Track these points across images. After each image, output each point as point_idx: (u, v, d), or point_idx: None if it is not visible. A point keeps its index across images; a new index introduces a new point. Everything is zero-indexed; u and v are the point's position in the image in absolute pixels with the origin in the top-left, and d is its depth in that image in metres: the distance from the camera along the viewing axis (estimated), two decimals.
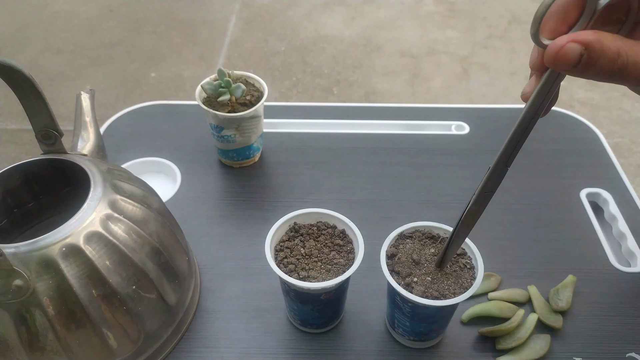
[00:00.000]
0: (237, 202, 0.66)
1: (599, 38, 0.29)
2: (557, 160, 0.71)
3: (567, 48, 0.29)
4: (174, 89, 1.93)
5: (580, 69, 0.29)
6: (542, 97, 0.33)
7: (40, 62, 2.06)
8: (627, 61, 0.29)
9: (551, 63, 0.30)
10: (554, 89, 0.33)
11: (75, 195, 0.46)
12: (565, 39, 0.29)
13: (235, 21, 2.30)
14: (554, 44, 0.29)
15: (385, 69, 2.02)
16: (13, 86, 0.42)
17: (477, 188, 0.39)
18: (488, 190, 0.38)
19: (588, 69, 0.29)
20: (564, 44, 0.29)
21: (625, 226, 0.62)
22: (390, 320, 0.50)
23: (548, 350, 0.50)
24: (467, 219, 0.41)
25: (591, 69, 0.29)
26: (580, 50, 0.29)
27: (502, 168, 0.37)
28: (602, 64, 0.29)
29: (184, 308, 0.51)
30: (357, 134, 0.76)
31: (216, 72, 0.64)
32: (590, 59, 0.29)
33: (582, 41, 0.29)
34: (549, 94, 0.33)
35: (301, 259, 0.47)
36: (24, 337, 0.40)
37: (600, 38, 0.29)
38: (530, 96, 0.33)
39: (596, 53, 0.29)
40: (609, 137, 0.75)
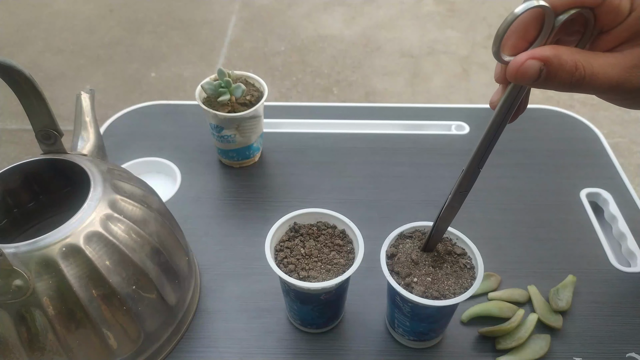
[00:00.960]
0: (237, 202, 0.66)
1: (557, 53, 0.30)
2: (557, 160, 0.71)
3: (527, 65, 0.30)
4: (174, 89, 1.93)
5: (541, 83, 0.31)
6: (508, 107, 0.35)
7: (40, 62, 2.06)
8: (585, 73, 0.31)
9: (513, 78, 0.31)
10: (518, 99, 0.34)
11: (75, 195, 0.46)
12: (524, 56, 0.30)
13: (235, 21, 2.30)
14: (514, 61, 0.31)
15: (385, 69, 2.02)
16: (13, 86, 0.42)
17: (453, 188, 0.41)
18: (463, 190, 0.41)
19: (548, 82, 0.31)
20: (524, 61, 0.30)
21: (625, 226, 0.62)
22: (390, 320, 0.50)
23: (548, 350, 0.50)
24: (445, 215, 0.43)
25: (551, 82, 0.31)
26: (539, 65, 0.30)
27: (475, 169, 0.40)
28: (561, 77, 0.31)
29: (184, 308, 0.51)
30: (357, 134, 0.76)
31: (216, 72, 0.64)
32: (549, 73, 0.31)
33: (540, 57, 0.30)
34: (513, 104, 0.35)
35: (301, 259, 0.47)
36: (24, 337, 0.40)
37: (557, 53, 0.30)
38: (496, 103, 0.35)
39: (554, 67, 0.30)
40: (609, 137, 0.75)
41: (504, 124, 0.36)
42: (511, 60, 0.31)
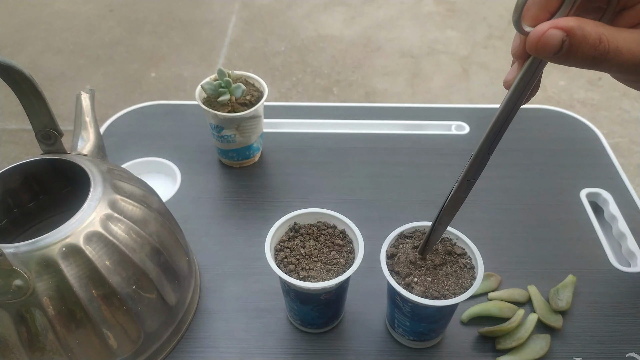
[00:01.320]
0: (237, 202, 0.66)
1: (580, 24, 0.29)
2: (557, 160, 0.71)
3: (548, 34, 0.29)
4: (174, 89, 1.93)
5: (562, 56, 0.29)
6: (524, 85, 0.33)
7: (40, 62, 2.06)
8: (609, 47, 0.29)
9: (533, 50, 0.30)
10: (535, 77, 0.33)
11: (75, 195, 0.46)
12: (546, 26, 0.29)
13: (235, 21, 2.30)
14: (536, 30, 0.29)
15: (385, 69, 2.02)
16: (13, 86, 0.42)
17: (460, 175, 0.39)
18: (470, 177, 0.39)
19: (570, 55, 0.29)
20: (546, 30, 0.29)
21: (625, 226, 0.62)
22: (390, 320, 0.50)
23: (548, 350, 0.50)
24: (449, 206, 0.41)
25: (573, 55, 0.29)
26: (562, 36, 0.29)
27: (485, 156, 0.37)
28: (584, 50, 0.29)
29: (184, 308, 0.51)
30: (357, 134, 0.76)
31: (216, 72, 0.64)
32: (572, 45, 0.29)
33: (564, 27, 0.29)
34: (530, 82, 0.33)
35: (301, 259, 0.47)
36: (24, 337, 0.40)
37: (581, 24, 0.29)
38: (512, 84, 0.33)
39: (578, 39, 0.29)
40: (609, 137, 0.75)
41: (519, 104, 0.34)
42: (532, 30, 0.29)
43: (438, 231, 0.43)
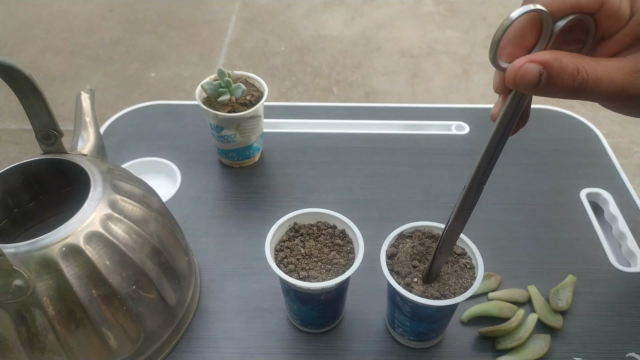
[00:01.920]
0: (237, 202, 0.66)
1: (557, 56, 0.29)
2: (557, 160, 0.71)
3: (525, 68, 0.29)
4: (174, 89, 1.93)
5: (542, 88, 0.30)
6: (509, 118, 0.34)
7: (40, 62, 2.06)
8: (588, 77, 0.30)
9: (512, 84, 0.30)
10: (519, 109, 0.33)
11: (75, 195, 0.46)
12: (522, 60, 0.29)
13: (235, 21, 2.30)
14: (513, 65, 0.30)
15: (385, 69, 2.02)
16: (13, 86, 0.42)
17: (455, 206, 0.40)
18: (466, 207, 0.39)
19: (549, 87, 0.30)
20: (522, 65, 0.29)
21: (625, 226, 0.62)
22: (390, 320, 0.50)
23: (548, 350, 0.50)
24: (447, 237, 0.42)
25: (552, 87, 0.30)
26: (539, 69, 0.29)
27: (478, 186, 0.38)
28: (563, 81, 0.30)
29: (184, 308, 0.51)
30: (357, 134, 0.76)
31: (216, 72, 0.64)
32: (550, 77, 0.29)
33: (540, 60, 0.29)
34: (515, 114, 0.33)
35: (301, 259, 0.47)
36: (24, 337, 0.40)
37: (558, 56, 0.29)
38: (497, 115, 0.34)
39: (555, 71, 0.29)
40: (609, 137, 0.75)
41: (505, 136, 0.35)
42: (509, 66, 0.30)
43: (439, 260, 0.44)
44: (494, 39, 0.30)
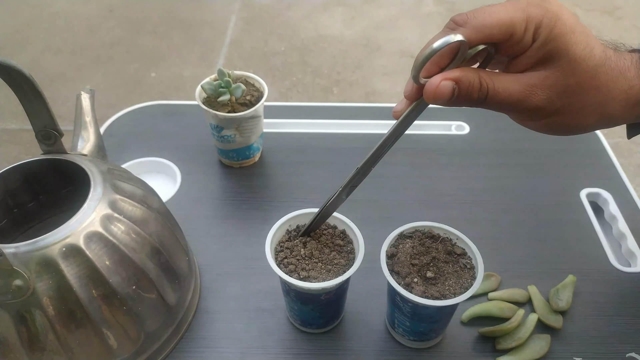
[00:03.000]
0: (237, 202, 0.66)
1: (464, 73, 0.35)
2: (557, 160, 0.71)
3: (442, 85, 0.35)
4: (174, 89, 1.93)
5: (455, 101, 0.35)
6: (412, 119, 0.39)
7: (40, 62, 2.06)
8: (488, 88, 0.35)
9: (431, 99, 0.35)
10: (420, 113, 0.39)
11: (75, 195, 0.46)
12: (439, 78, 0.35)
13: (235, 21, 2.30)
14: (430, 83, 0.35)
15: (385, 69, 2.02)
16: (13, 86, 0.42)
17: (345, 181, 0.44)
18: (354, 184, 0.45)
19: (459, 99, 0.35)
20: (439, 82, 0.35)
21: (625, 226, 0.62)
22: (390, 320, 0.50)
23: (548, 350, 0.50)
24: (331, 205, 0.46)
25: (462, 99, 0.35)
26: (452, 85, 0.35)
27: (368, 168, 0.43)
28: (470, 94, 0.35)
29: (184, 308, 0.51)
30: (357, 134, 0.76)
31: (216, 72, 0.64)
32: (461, 91, 0.35)
33: (453, 78, 0.35)
34: (416, 116, 0.39)
35: (301, 260, 0.47)
36: (24, 337, 0.40)
37: (465, 73, 0.35)
38: (400, 114, 0.39)
39: (464, 85, 0.35)
40: (609, 137, 0.75)
41: (404, 131, 0.40)
42: (427, 82, 0.35)
43: (319, 222, 0.48)
44: (417, 63, 0.35)
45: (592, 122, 0.38)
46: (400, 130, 0.40)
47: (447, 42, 0.33)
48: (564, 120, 0.37)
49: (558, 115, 0.37)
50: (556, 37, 0.34)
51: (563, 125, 0.38)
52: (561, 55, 0.35)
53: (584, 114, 0.37)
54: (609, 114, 0.37)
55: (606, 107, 0.37)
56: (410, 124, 0.39)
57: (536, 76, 0.35)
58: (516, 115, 0.39)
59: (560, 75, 0.35)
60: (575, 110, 0.37)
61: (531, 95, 0.35)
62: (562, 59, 0.35)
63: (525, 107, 0.36)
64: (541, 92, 0.35)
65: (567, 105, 0.36)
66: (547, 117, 0.37)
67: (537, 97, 0.35)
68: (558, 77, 0.35)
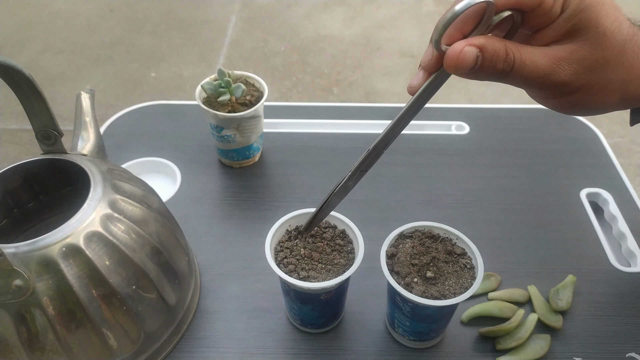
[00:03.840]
0: (237, 202, 0.66)
1: (490, 41, 0.33)
2: (557, 160, 0.71)
3: (465, 51, 0.32)
4: (174, 89, 1.93)
5: (477, 71, 0.33)
6: (429, 94, 0.36)
7: (40, 62, 2.06)
8: (514, 59, 0.33)
9: (452, 67, 0.33)
10: (439, 87, 0.36)
11: (75, 195, 0.46)
12: (462, 44, 0.32)
13: (235, 21, 2.30)
14: (453, 49, 0.32)
15: (385, 69, 2.02)
16: (13, 86, 0.42)
17: (354, 165, 0.41)
18: (363, 169, 0.41)
19: (483, 69, 0.33)
20: (462, 48, 0.32)
21: (625, 226, 0.62)
22: (390, 320, 0.50)
23: (548, 350, 0.50)
24: (339, 191, 0.43)
25: (485, 70, 0.33)
26: (477, 52, 0.32)
27: (380, 151, 0.40)
28: (495, 64, 0.33)
29: (184, 308, 0.51)
30: (357, 134, 0.76)
31: (216, 72, 0.64)
32: (485, 60, 0.32)
33: (477, 44, 0.32)
34: (433, 91, 0.36)
35: (301, 259, 0.47)
36: (24, 337, 0.40)
37: (490, 41, 0.33)
38: (417, 90, 0.36)
39: (489, 54, 0.32)
40: (609, 137, 0.75)
41: (419, 109, 0.37)
42: (449, 49, 0.32)
43: (324, 212, 0.45)
44: (439, 26, 0.32)
45: (614, 101, 0.36)
46: (416, 107, 0.37)
47: (472, 2, 0.31)
48: (587, 97, 0.36)
49: (582, 92, 0.35)
50: (586, 8, 0.32)
51: (585, 103, 0.36)
52: (590, 27, 0.33)
53: (607, 91, 0.35)
54: (631, 93, 0.36)
55: (629, 86, 0.35)
56: (427, 101, 0.36)
57: (563, 49, 0.33)
58: (539, 92, 0.37)
59: (588, 49, 0.33)
60: (599, 87, 0.35)
61: (558, 70, 0.33)
62: (591, 32, 0.33)
63: (551, 82, 0.34)
64: (568, 66, 0.33)
65: (593, 82, 0.34)
66: (571, 94, 0.35)
67: (564, 72, 0.34)
68: (587, 51, 0.33)
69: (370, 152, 0.40)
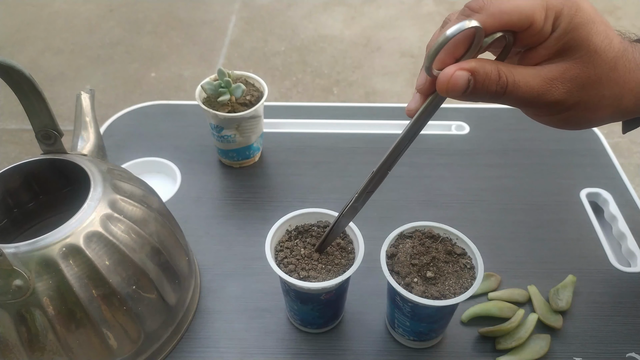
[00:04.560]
0: (237, 202, 0.66)
1: (482, 64, 0.33)
2: (557, 160, 0.71)
3: (456, 76, 0.32)
4: (174, 89, 1.93)
5: (469, 93, 0.33)
6: (427, 116, 0.37)
7: (40, 62, 2.06)
8: (507, 81, 0.33)
9: (444, 91, 0.33)
10: (437, 109, 0.36)
11: (75, 195, 0.46)
12: (453, 68, 0.32)
13: (235, 21, 2.30)
14: (445, 73, 0.32)
15: (385, 69, 2.02)
16: (13, 86, 0.42)
17: (360, 188, 0.42)
18: (369, 190, 0.42)
19: (475, 92, 0.33)
20: (453, 73, 0.32)
21: (625, 226, 0.62)
22: (390, 320, 0.50)
23: (548, 350, 0.50)
24: (347, 213, 0.44)
25: (478, 92, 0.33)
26: (468, 76, 0.32)
27: (384, 172, 0.41)
28: (487, 86, 0.33)
29: (184, 308, 0.51)
30: (357, 134, 0.76)
31: (216, 72, 0.64)
32: (477, 83, 0.33)
33: (468, 68, 0.32)
34: (432, 113, 0.36)
35: (301, 259, 0.47)
36: (24, 337, 0.40)
37: (482, 64, 0.33)
38: (415, 113, 0.37)
39: (481, 77, 0.32)
40: (609, 137, 0.75)
41: (419, 131, 0.38)
42: (440, 73, 0.33)
43: (335, 232, 0.46)
44: (430, 53, 0.32)
45: (607, 115, 0.37)
46: (415, 129, 0.37)
47: (461, 28, 0.31)
48: (581, 114, 0.36)
49: (575, 109, 0.35)
50: (576, 27, 0.33)
51: (579, 119, 0.37)
52: (581, 46, 0.33)
53: (600, 107, 0.36)
54: (624, 107, 0.36)
55: (622, 100, 0.36)
56: (426, 122, 0.37)
57: (556, 69, 0.34)
58: (532, 110, 0.37)
59: (580, 68, 0.34)
60: (592, 103, 0.35)
61: (551, 89, 0.34)
62: (582, 50, 0.33)
63: (544, 101, 0.34)
64: (562, 85, 0.34)
65: (586, 99, 0.35)
66: (565, 112, 0.36)
67: (558, 91, 0.34)
68: (579, 69, 0.34)
69: (374, 174, 0.41)
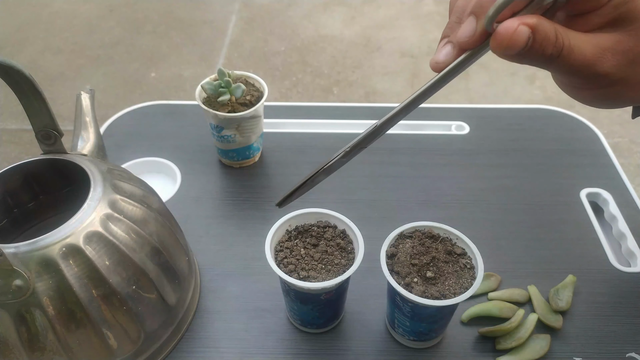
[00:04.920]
0: (237, 202, 0.66)
1: (541, 22, 0.30)
2: (557, 160, 0.71)
3: (518, 31, 0.29)
4: (174, 89, 1.93)
5: (525, 53, 0.30)
6: (457, 72, 0.33)
7: (40, 62, 2.06)
8: (563, 44, 0.31)
9: (503, 46, 0.30)
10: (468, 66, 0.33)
11: (75, 195, 0.46)
12: (515, 22, 0.29)
13: (235, 21, 2.30)
14: (506, 27, 0.29)
15: (385, 69, 2.02)
16: (13, 86, 0.42)
17: (353, 141, 0.38)
18: (364, 145, 0.38)
19: (531, 52, 0.30)
20: (517, 27, 0.29)
21: (625, 226, 0.62)
22: (390, 320, 0.50)
23: (548, 350, 0.50)
24: (329, 167, 0.40)
25: (534, 52, 0.30)
26: (529, 33, 0.29)
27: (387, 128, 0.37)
28: (544, 47, 0.30)
29: (184, 308, 0.51)
30: (357, 134, 0.75)
31: (216, 72, 0.64)
32: (535, 42, 0.30)
33: (530, 24, 0.29)
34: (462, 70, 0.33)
35: (301, 259, 0.47)
36: (24, 337, 0.40)
37: (542, 22, 0.30)
38: (443, 67, 0.33)
39: (540, 35, 0.30)
40: (609, 137, 0.75)
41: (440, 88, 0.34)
42: (500, 26, 0.29)
43: (307, 186, 0.41)
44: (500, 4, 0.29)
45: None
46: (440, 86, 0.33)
47: None
48: (622, 90, 0.34)
49: (619, 84, 0.33)
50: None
51: (619, 96, 0.34)
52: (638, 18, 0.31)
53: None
54: None
55: None
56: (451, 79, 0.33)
57: (608, 38, 0.32)
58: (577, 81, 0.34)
59: (634, 41, 0.32)
60: (636, 81, 0.33)
61: (602, 60, 0.31)
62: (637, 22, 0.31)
63: (594, 72, 0.32)
64: (612, 57, 0.32)
65: (632, 75, 0.33)
66: (608, 87, 0.33)
67: (608, 63, 0.32)
68: (632, 43, 0.32)
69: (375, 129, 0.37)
